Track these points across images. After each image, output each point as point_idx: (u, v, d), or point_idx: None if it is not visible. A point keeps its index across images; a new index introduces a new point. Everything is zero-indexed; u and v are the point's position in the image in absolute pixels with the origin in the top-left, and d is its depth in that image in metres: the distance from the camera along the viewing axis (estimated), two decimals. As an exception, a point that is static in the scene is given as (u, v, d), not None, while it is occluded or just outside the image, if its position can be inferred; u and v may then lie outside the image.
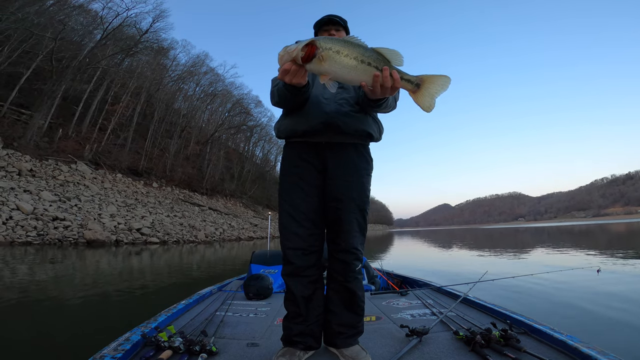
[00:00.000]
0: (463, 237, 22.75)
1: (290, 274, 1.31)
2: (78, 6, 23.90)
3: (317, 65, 0.97)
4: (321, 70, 0.98)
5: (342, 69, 0.97)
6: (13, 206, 11.54)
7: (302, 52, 0.95)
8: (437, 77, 1.01)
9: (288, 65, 0.99)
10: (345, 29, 1.50)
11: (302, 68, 1.00)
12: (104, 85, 26.08)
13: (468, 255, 9.91)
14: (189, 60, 36.07)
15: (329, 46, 0.95)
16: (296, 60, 0.97)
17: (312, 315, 1.32)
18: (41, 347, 2.14)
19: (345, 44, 0.97)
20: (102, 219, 14.18)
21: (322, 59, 0.95)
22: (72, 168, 19.84)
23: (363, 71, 0.97)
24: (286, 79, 1.03)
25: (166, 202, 24.06)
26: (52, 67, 20.79)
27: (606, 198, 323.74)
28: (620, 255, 8.01)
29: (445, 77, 1.01)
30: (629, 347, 2.17)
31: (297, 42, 0.98)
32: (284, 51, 0.99)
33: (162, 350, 1.28)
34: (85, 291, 4.06)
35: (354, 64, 0.97)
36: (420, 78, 1.02)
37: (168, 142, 31.55)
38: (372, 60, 0.97)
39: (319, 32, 1.49)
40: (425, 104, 1.02)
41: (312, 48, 0.95)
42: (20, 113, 19.85)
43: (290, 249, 1.30)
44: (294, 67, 1.00)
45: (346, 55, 0.96)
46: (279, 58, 1.00)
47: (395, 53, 1.00)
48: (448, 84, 1.01)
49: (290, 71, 1.00)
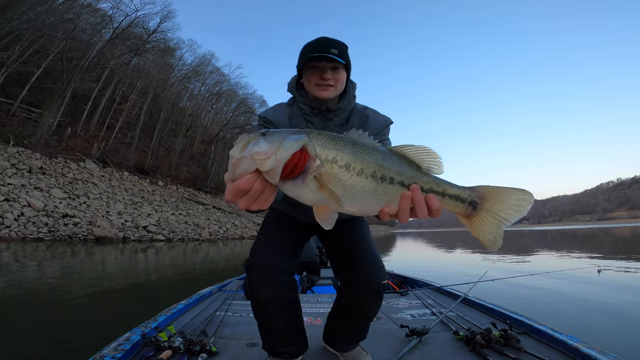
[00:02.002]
0: (466, 239, 22.72)
1: (260, 278, 1.07)
2: (87, 5, 24.27)
3: (308, 189, 0.56)
4: (314, 199, 0.57)
5: (352, 197, 0.58)
6: (24, 203, 11.82)
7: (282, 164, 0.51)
8: (507, 191, 0.63)
9: (248, 181, 0.50)
10: (346, 68, 1.08)
11: (274, 188, 0.55)
12: (112, 84, 26.47)
13: (469, 256, 9.91)
14: (195, 60, 36.50)
15: (332, 156, 0.56)
16: (268, 176, 0.51)
17: (289, 324, 1.15)
18: (41, 346, 2.12)
19: (356, 150, 0.58)
20: (110, 217, 14.44)
21: (321, 180, 0.55)
22: (81, 166, 20.18)
23: (385, 194, 0.60)
24: (241, 204, 0.54)
25: (171, 201, 24.34)
26: (63, 67, 21.14)
27: (611, 202, 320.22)
28: (622, 257, 7.96)
29: (524, 194, 0.63)
30: (629, 347, 2.17)
31: (267, 134, 0.53)
32: (241, 150, 0.51)
33: (162, 350, 1.29)
34: (89, 289, 4.07)
35: (372, 187, 0.58)
36: (478, 192, 0.64)
37: (174, 141, 31.90)
38: (395, 173, 0.60)
39: (305, 68, 1.08)
40: (488, 236, 0.64)
41: (303, 156, 0.54)
42: (30, 111, 20.23)
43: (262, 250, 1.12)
44: (257, 186, 0.51)
45: (360, 172, 0.57)
46: (232, 165, 0.51)
47: (427, 153, 0.63)
48: (528, 205, 0.64)
49: (252, 192, 0.51)
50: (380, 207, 0.61)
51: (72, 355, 1.95)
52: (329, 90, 1.06)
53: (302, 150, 0.54)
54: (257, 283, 1.06)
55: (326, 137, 0.58)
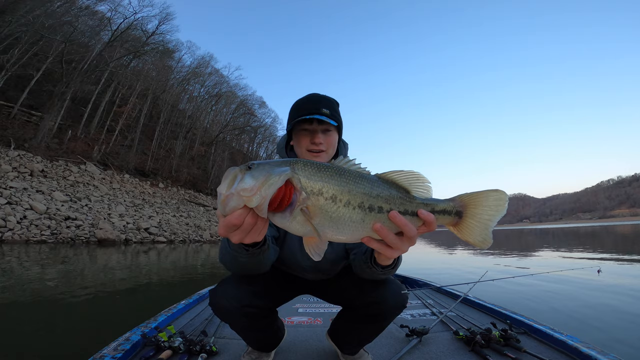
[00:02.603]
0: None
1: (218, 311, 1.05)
2: (85, 7, 24.30)
3: (296, 222, 0.57)
4: (303, 231, 0.59)
5: (340, 228, 0.59)
6: (27, 206, 11.86)
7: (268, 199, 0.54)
8: (484, 195, 0.67)
9: (238, 216, 0.54)
10: (338, 129, 1.06)
11: (265, 221, 0.59)
12: (111, 86, 26.54)
13: (470, 256, 9.93)
14: (193, 62, 36.65)
15: (318, 188, 0.57)
16: (257, 211, 0.54)
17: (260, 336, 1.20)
18: (42, 346, 2.12)
19: (342, 180, 0.59)
20: (111, 219, 14.48)
21: (309, 213, 0.57)
22: (82, 169, 20.22)
23: (371, 223, 0.61)
24: (234, 238, 0.58)
25: (172, 202, 24.37)
26: (62, 70, 21.18)
27: (612, 200, 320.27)
28: (623, 256, 7.97)
29: (498, 193, 0.67)
30: (629, 347, 2.18)
31: (252, 168, 0.55)
32: (229, 186, 0.54)
33: (162, 350, 1.28)
34: (90, 290, 4.10)
35: (359, 218, 0.59)
36: (460, 201, 0.67)
37: (174, 143, 31.95)
38: (383, 202, 0.61)
39: (295, 130, 1.05)
40: (477, 237, 0.67)
41: (289, 189, 0.56)
42: (31, 114, 20.29)
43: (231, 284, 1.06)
44: (248, 220, 0.55)
45: (347, 204, 0.58)
46: (221, 202, 0.54)
47: (415, 177, 0.65)
48: (504, 203, 0.67)
49: (244, 226, 0.56)
50: (364, 236, 0.62)
51: (72, 355, 1.95)
52: (321, 156, 1.04)
53: (288, 183, 0.55)
54: (216, 312, 1.06)
55: (312, 168, 0.58)
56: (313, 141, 1.02)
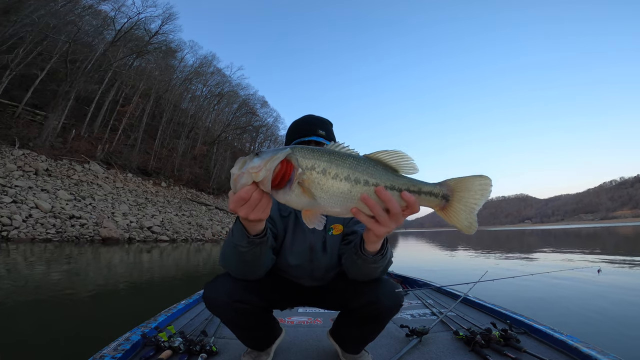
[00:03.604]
0: (468, 238, 22.71)
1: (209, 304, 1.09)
2: (88, 7, 24.40)
3: (295, 194, 0.67)
4: (301, 203, 0.68)
5: (331, 198, 0.67)
6: (32, 204, 11.99)
7: (272, 172, 0.64)
8: (470, 180, 0.71)
9: (247, 191, 0.65)
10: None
11: (268, 199, 0.70)
12: (114, 86, 26.67)
13: (471, 256, 9.95)
14: (196, 61, 36.66)
15: (311, 164, 0.66)
16: (262, 186, 0.65)
17: (253, 333, 1.24)
18: (42, 346, 2.12)
19: (331, 158, 0.68)
20: (115, 218, 14.61)
21: (304, 185, 0.66)
22: (85, 168, 20.37)
23: (358, 195, 0.68)
24: (242, 212, 0.68)
25: (174, 202, 24.50)
26: (67, 69, 21.33)
27: (614, 201, 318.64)
28: (623, 256, 7.98)
29: (483, 179, 0.71)
30: (629, 347, 2.18)
31: (259, 153, 0.66)
32: (240, 167, 0.66)
33: (162, 350, 1.28)
34: (92, 289, 4.12)
35: (347, 189, 0.67)
36: (448, 186, 0.71)
37: (176, 142, 32.07)
38: (369, 176, 0.68)
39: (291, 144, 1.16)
40: (464, 222, 0.71)
41: (288, 167, 0.66)
42: (35, 114, 20.44)
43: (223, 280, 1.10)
44: (255, 195, 0.66)
45: (335, 176, 0.67)
46: (233, 180, 0.66)
47: (400, 157, 0.70)
48: (489, 188, 0.71)
49: (251, 200, 0.66)
50: (357, 209, 0.68)
51: (72, 355, 1.94)
52: None
53: (288, 161, 0.66)
54: (208, 307, 1.10)
55: (306, 150, 0.68)
56: None
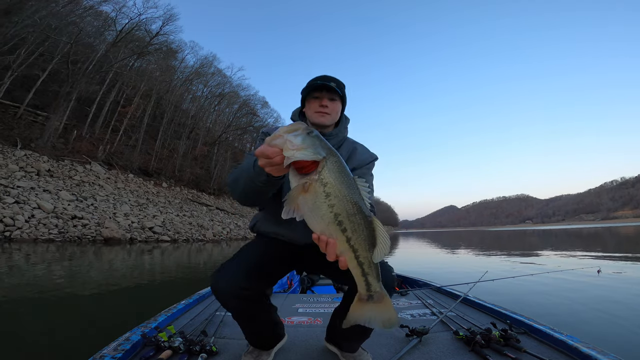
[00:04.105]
0: (469, 239, 22.67)
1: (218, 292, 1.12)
2: (89, 7, 24.46)
3: (299, 185, 0.72)
4: (296, 196, 0.72)
5: (312, 212, 0.72)
6: (34, 205, 12.04)
7: (298, 158, 0.70)
8: (388, 308, 0.79)
9: (273, 152, 0.72)
10: (342, 99, 1.27)
11: (282, 167, 0.75)
12: (116, 87, 26.74)
13: (471, 256, 9.96)
14: (197, 62, 36.71)
15: (327, 180, 0.70)
16: (285, 158, 0.71)
17: (258, 327, 1.26)
18: (42, 346, 2.12)
19: (344, 191, 0.71)
20: (117, 218, 14.65)
21: (308, 188, 0.71)
22: (87, 168, 20.44)
23: (331, 231, 0.73)
24: (260, 162, 0.77)
25: (175, 202, 24.56)
26: (68, 70, 21.40)
27: (615, 201, 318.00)
28: (623, 256, 7.99)
29: (393, 316, 0.79)
30: (629, 347, 2.18)
31: (308, 135, 0.72)
32: (287, 131, 0.73)
33: (162, 350, 1.28)
34: (92, 290, 4.13)
35: (328, 220, 0.72)
36: (380, 295, 0.78)
37: (177, 143, 32.14)
38: (350, 231, 0.72)
39: (308, 97, 1.25)
40: (361, 319, 0.80)
41: (313, 166, 0.71)
42: (37, 114, 20.50)
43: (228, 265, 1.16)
44: (277, 159, 0.73)
45: (330, 206, 0.71)
46: (274, 135, 0.73)
47: (385, 238, 0.74)
48: (390, 326, 0.79)
49: (271, 160, 0.74)
50: (318, 235, 0.74)
51: (72, 355, 1.94)
52: (326, 117, 1.23)
53: (315, 162, 0.71)
54: (217, 295, 1.14)
55: (337, 165, 0.72)
56: (321, 104, 1.22)
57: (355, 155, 1.30)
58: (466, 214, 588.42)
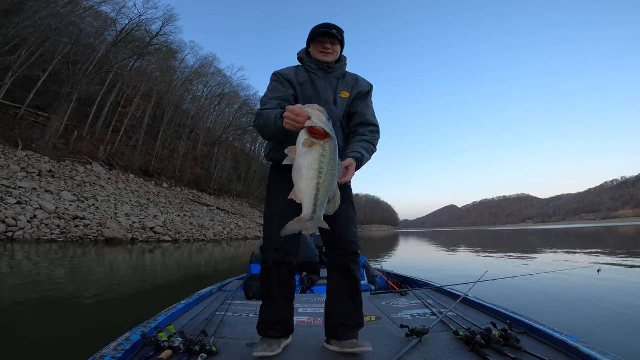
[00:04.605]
0: (469, 238, 22.69)
1: (276, 261, 1.34)
2: (89, 8, 24.44)
3: (304, 145, 1.05)
4: (299, 146, 1.06)
5: (304, 157, 1.04)
6: (36, 205, 12.10)
7: (318, 127, 1.04)
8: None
9: (304, 118, 1.06)
10: (341, 42, 1.52)
11: (300, 127, 1.09)
12: (116, 87, 26.76)
13: (471, 256, 9.99)
14: (197, 62, 36.68)
15: (326, 148, 1.05)
16: (308, 124, 1.05)
17: (284, 304, 1.40)
18: (42, 346, 2.12)
19: (333, 160, 1.06)
20: (118, 218, 14.71)
21: (310, 146, 1.04)
22: (88, 169, 20.49)
23: (310, 172, 1.03)
24: (287, 120, 1.11)
25: (176, 202, 24.61)
26: (69, 71, 21.42)
27: (616, 200, 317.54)
28: (624, 256, 8.03)
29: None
30: (629, 347, 2.18)
31: (325, 114, 1.10)
32: (316, 109, 1.09)
33: (162, 350, 1.28)
34: (92, 290, 4.13)
35: (314, 165, 1.04)
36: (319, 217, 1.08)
37: (177, 143, 32.17)
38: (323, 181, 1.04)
39: (312, 41, 1.50)
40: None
41: (323, 135, 1.05)
42: (38, 115, 20.55)
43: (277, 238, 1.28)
44: (300, 120, 1.07)
45: (320, 161, 1.04)
46: (311, 107, 1.11)
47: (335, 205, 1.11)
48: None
49: (297, 121, 1.08)
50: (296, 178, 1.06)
51: (72, 355, 1.94)
52: (328, 56, 1.48)
53: (324, 133, 1.05)
54: (269, 263, 1.35)
55: (335, 146, 1.09)
56: (324, 46, 1.46)
57: (359, 82, 1.57)
58: (466, 214, 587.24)
